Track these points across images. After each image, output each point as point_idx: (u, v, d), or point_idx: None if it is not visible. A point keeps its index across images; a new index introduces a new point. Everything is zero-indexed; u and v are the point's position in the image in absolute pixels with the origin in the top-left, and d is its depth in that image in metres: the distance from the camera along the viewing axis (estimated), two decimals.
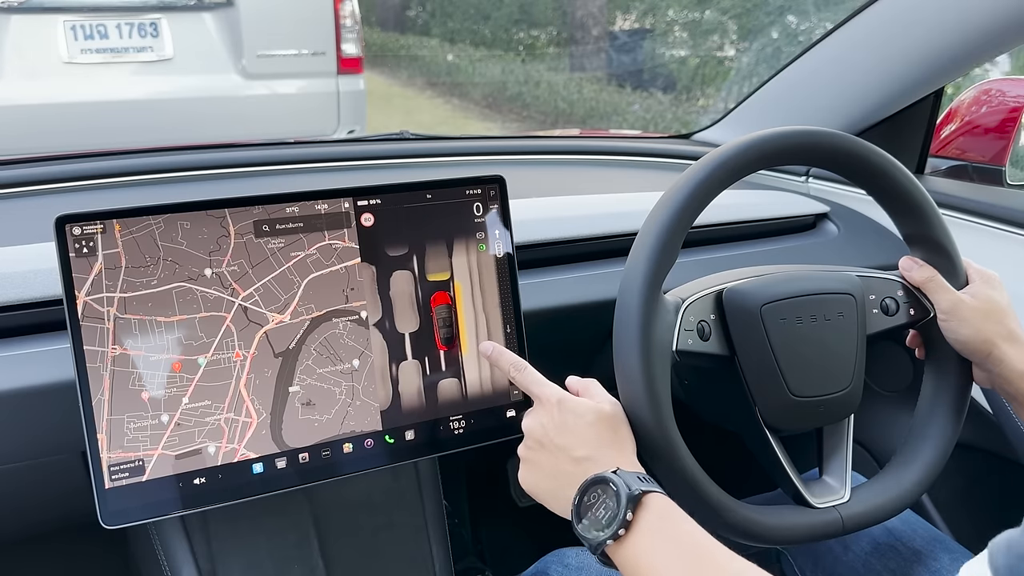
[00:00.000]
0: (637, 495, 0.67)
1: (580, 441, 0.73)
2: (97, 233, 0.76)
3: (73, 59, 2.91)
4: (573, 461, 0.72)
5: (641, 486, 0.67)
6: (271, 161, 1.32)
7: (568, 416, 0.74)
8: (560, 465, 0.73)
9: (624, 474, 0.69)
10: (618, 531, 0.66)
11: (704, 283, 0.85)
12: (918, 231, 0.88)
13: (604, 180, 1.48)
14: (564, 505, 0.72)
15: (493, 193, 0.90)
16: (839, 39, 1.34)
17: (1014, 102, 1.34)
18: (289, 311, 0.82)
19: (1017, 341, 0.83)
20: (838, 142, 0.83)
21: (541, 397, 0.76)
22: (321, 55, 3.22)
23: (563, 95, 7.84)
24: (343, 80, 3.31)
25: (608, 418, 0.74)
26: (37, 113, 2.90)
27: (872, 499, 0.85)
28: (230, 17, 3.01)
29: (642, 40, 8.40)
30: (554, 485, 0.73)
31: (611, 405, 0.76)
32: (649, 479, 0.70)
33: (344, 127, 3.31)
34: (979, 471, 1.20)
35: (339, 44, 3.27)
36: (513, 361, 0.82)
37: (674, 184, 0.80)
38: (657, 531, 0.66)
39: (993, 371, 0.84)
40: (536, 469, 0.75)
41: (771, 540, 0.81)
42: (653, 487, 0.68)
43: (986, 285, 0.86)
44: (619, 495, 0.67)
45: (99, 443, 0.76)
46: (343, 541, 0.98)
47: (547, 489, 0.74)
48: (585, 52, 8.59)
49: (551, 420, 0.74)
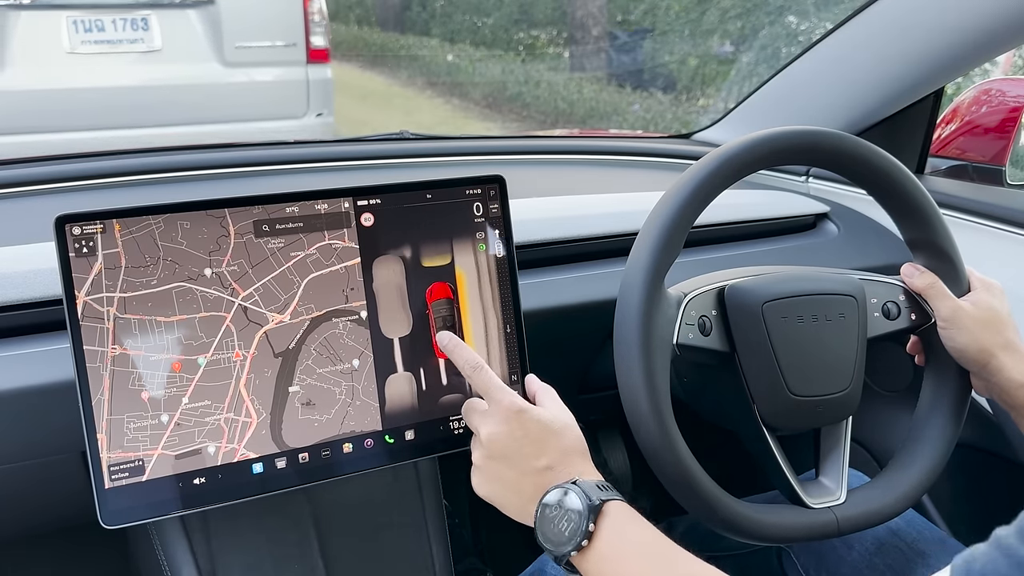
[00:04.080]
0: (598, 505, 0.67)
1: (540, 451, 0.72)
2: (97, 233, 0.76)
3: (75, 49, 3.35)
4: (534, 472, 0.72)
5: (601, 495, 0.68)
6: (271, 161, 1.32)
7: (530, 426, 0.73)
8: (519, 475, 0.73)
9: (584, 484, 0.69)
10: (581, 542, 0.67)
11: (707, 279, 0.86)
12: (921, 236, 0.88)
13: (604, 180, 1.48)
14: (524, 514, 0.72)
15: (493, 193, 0.90)
16: (839, 39, 1.34)
17: (1014, 102, 1.34)
18: (289, 311, 0.82)
19: (1015, 351, 0.83)
20: (840, 143, 0.83)
21: (502, 404, 0.75)
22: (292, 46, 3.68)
23: (563, 95, 7.85)
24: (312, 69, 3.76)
25: (568, 428, 0.74)
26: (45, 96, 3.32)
27: (868, 502, 0.85)
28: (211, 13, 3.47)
29: (642, 40, 8.41)
30: (513, 494, 0.74)
31: (567, 415, 0.76)
32: (608, 487, 0.70)
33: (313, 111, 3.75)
34: (979, 471, 1.20)
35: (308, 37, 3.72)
36: (469, 359, 0.79)
37: (676, 182, 0.80)
38: (618, 540, 0.67)
39: (990, 380, 0.84)
40: (494, 478, 0.75)
41: (765, 538, 0.82)
42: (613, 495, 0.69)
43: (987, 293, 0.86)
44: (580, 507, 0.67)
45: (99, 443, 0.76)
46: (343, 541, 0.98)
47: (506, 498, 0.74)
48: (585, 52, 8.60)
49: (509, 429, 0.73)
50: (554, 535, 0.68)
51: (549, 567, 0.95)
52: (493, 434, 0.74)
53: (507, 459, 0.73)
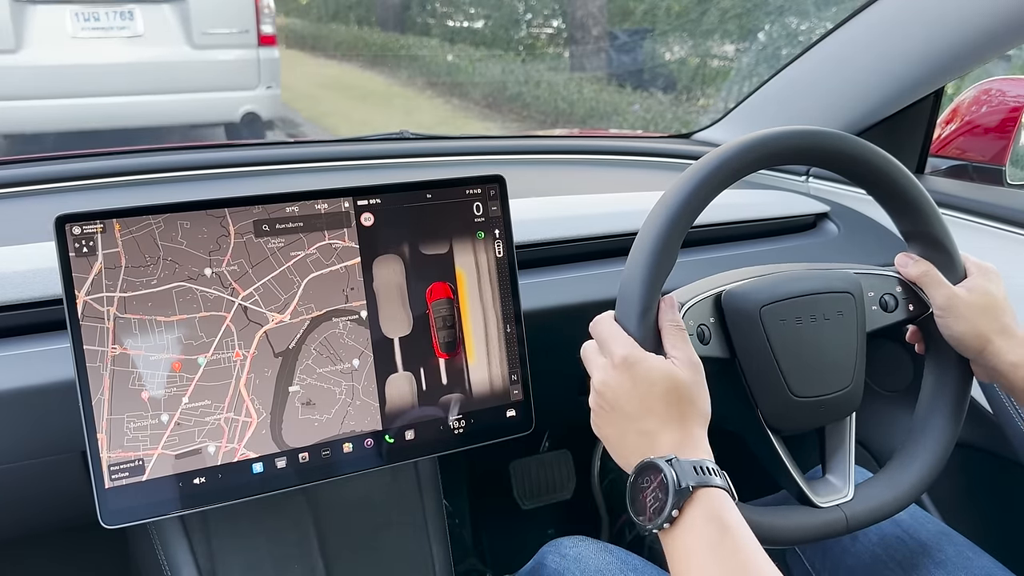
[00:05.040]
0: (687, 491, 0.65)
1: (646, 413, 0.69)
2: (97, 233, 0.76)
3: (77, 35, 4.42)
4: (637, 433, 0.69)
5: (694, 480, 0.65)
6: (271, 161, 1.32)
7: (639, 382, 0.70)
8: (625, 430, 0.70)
9: (679, 464, 0.66)
10: (663, 524, 0.65)
11: (702, 286, 0.85)
12: (915, 227, 0.88)
13: (604, 180, 1.48)
14: (625, 467, 0.70)
15: (493, 193, 0.90)
16: (839, 39, 1.34)
17: (1014, 102, 1.34)
18: (289, 311, 0.82)
19: (1011, 335, 0.83)
20: (837, 142, 0.83)
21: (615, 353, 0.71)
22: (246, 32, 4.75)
23: (563, 95, 7.85)
24: (262, 51, 4.84)
25: (681, 388, 0.70)
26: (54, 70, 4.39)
27: (876, 496, 0.85)
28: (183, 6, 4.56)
29: (642, 40, 8.40)
30: (620, 444, 0.71)
31: (688, 370, 0.71)
32: (707, 470, 0.66)
33: (263, 84, 4.85)
34: (979, 471, 1.20)
35: (259, 25, 4.78)
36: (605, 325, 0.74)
37: (672, 185, 0.79)
38: (702, 534, 0.64)
39: (988, 366, 0.84)
40: (604, 424, 0.73)
41: (776, 542, 0.81)
42: (709, 480, 0.66)
43: (983, 279, 0.86)
44: (667, 488, 0.65)
45: (99, 443, 0.76)
46: (343, 541, 0.98)
47: (614, 445, 0.72)
48: (585, 52, 8.59)
49: (618, 382, 0.70)
50: (640, 507, 0.67)
51: (548, 558, 0.95)
52: (602, 382, 0.72)
53: (614, 411, 0.71)
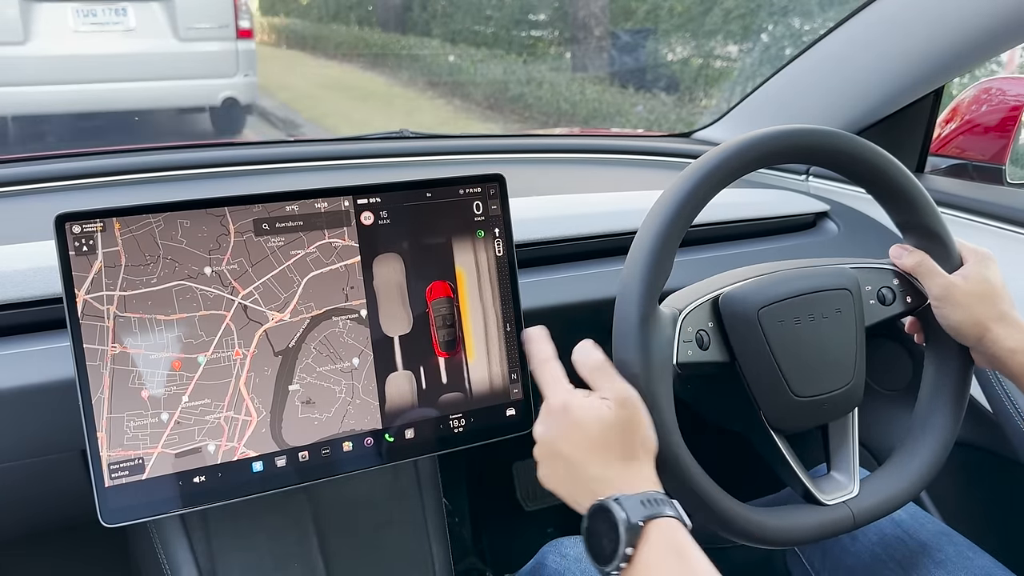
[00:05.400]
0: (637, 527, 0.64)
1: (587, 457, 0.69)
2: (97, 231, 0.76)
3: (77, 29, 5.09)
4: (583, 478, 0.69)
5: (643, 513, 0.64)
6: (270, 160, 1.32)
7: (574, 429, 0.69)
8: (573, 476, 0.70)
9: (626, 500, 0.65)
10: (620, 564, 0.64)
11: (699, 290, 0.84)
12: (908, 218, 0.88)
13: (604, 179, 1.48)
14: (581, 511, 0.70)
15: (493, 192, 0.90)
16: (839, 38, 1.34)
17: (1014, 100, 1.34)
18: (289, 309, 0.82)
19: (1009, 322, 0.83)
20: (828, 139, 0.83)
21: (548, 399, 0.73)
22: (226, 27, 5.45)
23: (565, 96, 7.82)
24: (240, 43, 5.54)
25: (616, 426, 0.69)
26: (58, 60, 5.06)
27: (882, 490, 0.85)
28: (170, 4, 5.23)
29: (645, 40, 8.38)
30: (572, 490, 0.71)
31: (620, 406, 0.70)
32: (655, 501, 0.66)
33: (241, 72, 5.55)
34: (979, 470, 1.20)
35: (237, 20, 5.48)
36: (540, 354, 0.78)
37: (672, 184, 0.79)
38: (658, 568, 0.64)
39: (987, 353, 0.84)
40: (552, 474, 0.72)
41: (784, 543, 0.81)
42: (658, 511, 0.65)
43: (979, 265, 0.86)
44: (618, 528, 0.64)
45: (99, 441, 0.76)
46: (343, 539, 0.98)
47: (566, 493, 0.72)
48: (587, 53, 8.57)
49: (558, 430, 0.70)
50: (597, 551, 0.66)
51: (549, 558, 0.95)
52: (542, 433, 0.72)
53: (557, 458, 0.71)
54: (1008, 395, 1.06)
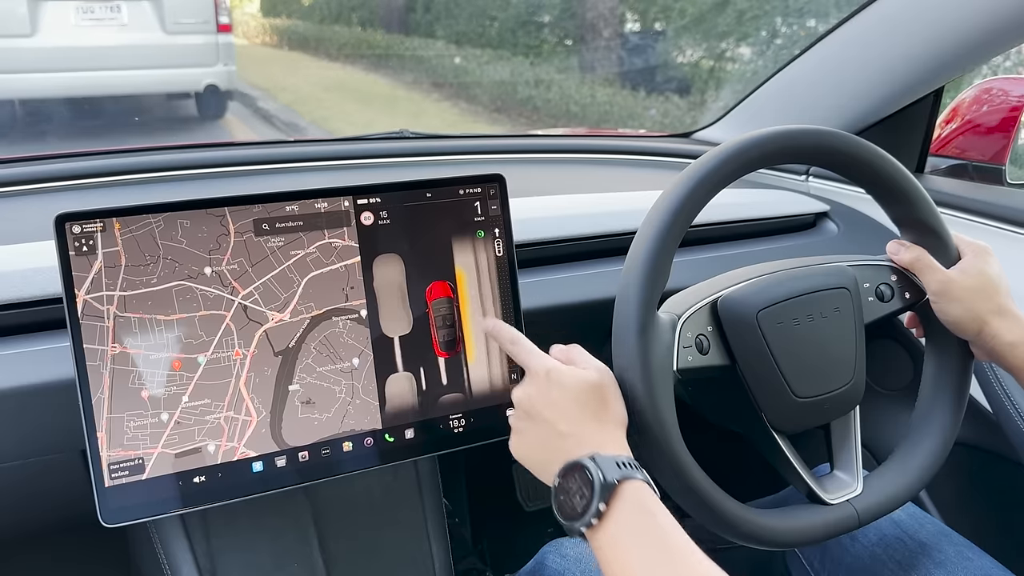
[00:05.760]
0: (611, 485, 0.66)
1: (563, 415, 0.72)
2: (97, 231, 0.76)
3: (78, 24, 5.80)
4: (558, 436, 0.71)
5: (617, 474, 0.66)
6: (270, 160, 1.32)
7: (554, 388, 0.72)
8: (546, 439, 0.72)
9: (602, 459, 0.67)
10: (591, 520, 0.65)
11: (697, 293, 0.84)
12: (904, 214, 0.88)
13: (604, 179, 1.49)
14: (549, 479, 0.71)
15: (493, 192, 0.90)
16: (839, 38, 1.34)
17: (1015, 101, 1.34)
18: (289, 309, 0.82)
19: (1007, 315, 0.83)
20: (827, 139, 0.83)
21: (531, 367, 0.75)
22: (207, 22, 6.19)
23: (575, 98, 7.72)
24: (220, 36, 6.28)
25: (593, 388, 0.72)
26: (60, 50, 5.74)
27: (885, 487, 0.85)
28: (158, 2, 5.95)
29: (655, 42, 8.31)
30: (542, 457, 0.73)
31: (597, 372, 0.74)
32: (628, 464, 0.68)
33: (221, 62, 6.28)
34: (979, 470, 1.20)
35: (217, 16, 6.22)
36: (510, 335, 0.81)
37: (671, 184, 0.79)
38: (630, 525, 0.65)
39: (987, 346, 0.84)
40: (524, 440, 0.74)
41: (791, 544, 0.81)
42: (631, 473, 0.67)
43: (977, 259, 0.86)
44: (593, 484, 0.66)
45: (99, 441, 0.76)
46: (343, 539, 0.98)
47: (535, 460, 0.74)
48: (597, 54, 8.49)
49: (538, 392, 0.73)
50: (568, 509, 0.67)
51: (549, 558, 0.95)
52: (522, 396, 0.74)
53: (532, 420, 0.73)
54: (1008, 395, 1.06)
